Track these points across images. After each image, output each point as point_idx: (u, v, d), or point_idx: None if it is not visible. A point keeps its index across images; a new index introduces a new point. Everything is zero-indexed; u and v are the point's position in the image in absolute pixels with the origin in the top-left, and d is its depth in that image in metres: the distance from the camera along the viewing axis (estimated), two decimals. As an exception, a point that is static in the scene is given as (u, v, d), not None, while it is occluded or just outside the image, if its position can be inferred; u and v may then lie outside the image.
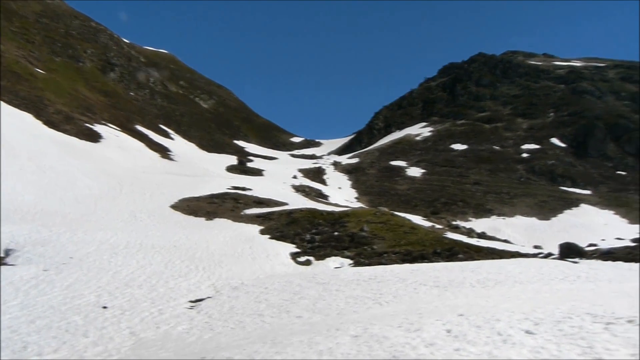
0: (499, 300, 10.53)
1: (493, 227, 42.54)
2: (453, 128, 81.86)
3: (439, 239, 27.70)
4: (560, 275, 16.08)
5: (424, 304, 11.25)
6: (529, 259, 21.70)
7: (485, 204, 49.66)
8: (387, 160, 69.45)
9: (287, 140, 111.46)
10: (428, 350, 6.13)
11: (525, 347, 5.92)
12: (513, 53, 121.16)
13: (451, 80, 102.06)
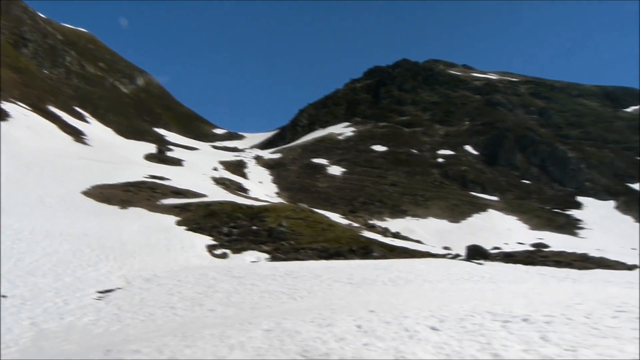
0: (409, 298, 10.95)
1: (407, 227, 44.02)
2: (375, 130, 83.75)
3: (356, 237, 28.29)
4: (466, 275, 16.93)
5: (337, 300, 11.49)
6: (439, 259, 22.66)
7: (401, 205, 51.26)
8: (309, 157, 69.98)
9: (210, 131, 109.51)
10: (338, 345, 6.28)
11: (429, 343, 6.21)
12: (435, 62, 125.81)
13: (375, 83, 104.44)
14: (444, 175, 65.19)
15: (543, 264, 21.20)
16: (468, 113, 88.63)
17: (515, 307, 8.89)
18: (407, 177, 63.31)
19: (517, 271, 18.76)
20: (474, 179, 63.88)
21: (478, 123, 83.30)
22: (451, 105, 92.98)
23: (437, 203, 52.90)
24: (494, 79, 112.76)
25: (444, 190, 58.93)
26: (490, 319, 7.71)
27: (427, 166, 68.14)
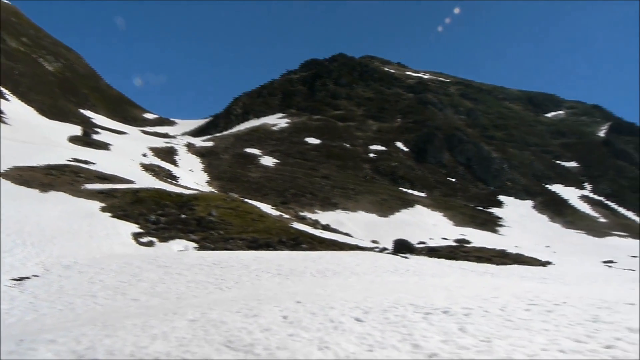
0: (335, 290, 11.10)
1: (337, 220, 44.53)
2: (309, 122, 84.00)
3: (286, 228, 28.32)
4: (391, 268, 17.36)
5: (265, 290, 11.47)
6: (366, 252, 23.10)
7: (331, 198, 51.78)
8: (242, 147, 69.26)
9: (140, 115, 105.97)
10: (263, 336, 6.28)
11: (353, 334, 6.33)
12: (371, 58, 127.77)
13: (312, 75, 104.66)
14: (375, 170, 66.38)
15: (465, 259, 22.04)
16: (400, 110, 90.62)
17: (437, 299, 9.22)
18: (339, 170, 63.99)
19: (440, 265, 19.44)
20: (404, 175, 65.47)
21: (410, 120, 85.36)
22: (385, 102, 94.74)
23: (367, 197, 53.83)
24: (426, 78, 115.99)
25: (374, 185, 60.05)
26: (413, 311, 7.95)
27: (359, 161, 69.14)
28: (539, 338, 6.23)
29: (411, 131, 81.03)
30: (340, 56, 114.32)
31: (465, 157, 74.66)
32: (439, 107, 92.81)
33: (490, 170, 72.16)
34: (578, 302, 9.42)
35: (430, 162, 72.71)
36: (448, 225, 50.05)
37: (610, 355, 5.47)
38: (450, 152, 75.60)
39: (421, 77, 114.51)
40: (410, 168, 68.86)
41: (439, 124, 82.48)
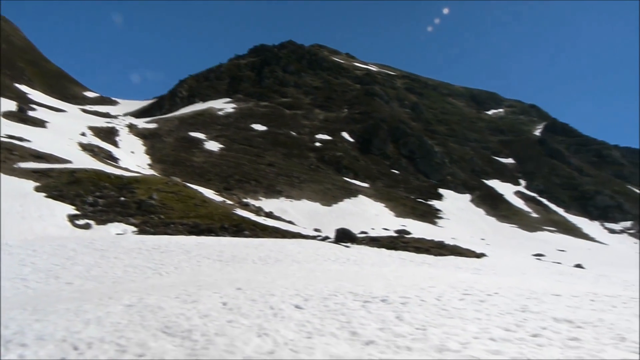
0: (276, 277, 11.12)
1: (281, 208, 44.50)
2: (256, 108, 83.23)
3: (228, 214, 28.06)
4: (333, 257, 17.55)
5: (205, 276, 11.36)
6: (308, 240, 23.23)
7: (276, 186, 51.65)
8: (187, 130, 67.87)
9: (80, 93, 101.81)
10: (202, 322, 6.22)
11: (293, 321, 6.37)
12: (320, 47, 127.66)
13: (260, 61, 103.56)
14: (320, 159, 66.62)
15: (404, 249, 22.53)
16: (347, 101, 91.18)
17: (376, 288, 9.40)
18: (284, 158, 63.85)
19: (380, 255, 19.80)
20: (348, 165, 66.05)
21: (356, 111, 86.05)
22: (332, 91, 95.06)
23: (312, 186, 54.04)
24: (373, 70, 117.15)
25: (319, 174, 60.32)
26: (352, 299, 8.08)
27: (304, 149, 69.19)
28: (472, 327, 6.47)
29: (357, 122, 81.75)
30: (289, 43, 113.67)
31: (408, 149, 76.11)
32: (385, 100, 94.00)
33: (432, 164, 73.93)
34: (509, 292, 9.84)
35: (375, 154, 73.68)
36: (389, 216, 50.98)
37: (536, 344, 5.75)
38: (394, 144, 76.85)
39: (369, 69, 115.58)
40: (354, 158, 69.53)
41: (384, 116, 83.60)
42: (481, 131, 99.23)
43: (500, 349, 5.45)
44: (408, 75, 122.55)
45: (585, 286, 13.13)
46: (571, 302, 9.23)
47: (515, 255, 30.42)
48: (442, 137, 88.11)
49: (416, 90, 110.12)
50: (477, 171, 79.82)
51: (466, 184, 72.33)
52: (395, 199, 58.58)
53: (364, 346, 5.39)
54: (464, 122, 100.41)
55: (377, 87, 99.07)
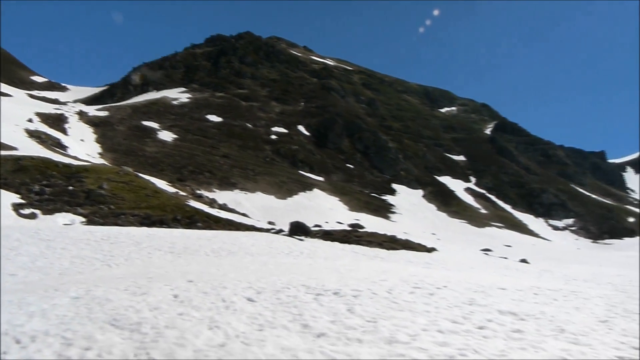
0: (229, 270, 11.05)
1: (235, 200, 44.16)
2: (211, 99, 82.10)
3: (181, 205, 27.65)
4: (286, 250, 17.57)
5: (156, 268, 11.17)
6: (262, 233, 23.17)
7: (230, 178, 51.19)
8: (140, 119, 66.29)
9: (27, 78, 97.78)
10: (151, 314, 6.13)
11: (244, 314, 6.35)
12: (278, 39, 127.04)
13: (217, 51, 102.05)
14: (275, 152, 66.41)
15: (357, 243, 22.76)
16: (304, 94, 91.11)
17: (328, 281, 9.48)
18: (239, 150, 63.31)
19: (333, 248, 19.95)
20: (304, 159, 66.13)
21: (312, 105, 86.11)
22: (289, 84, 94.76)
23: (267, 179, 53.84)
24: (331, 64, 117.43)
25: (274, 167, 60.14)
26: (305, 292, 8.12)
27: (260, 142, 68.79)
28: (421, 319, 6.62)
29: (313, 116, 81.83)
30: (247, 34, 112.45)
31: (363, 144, 76.80)
32: (341, 94, 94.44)
33: (386, 159, 74.88)
34: (457, 286, 10.11)
35: (330, 148, 74.01)
36: (343, 210, 51.38)
37: (481, 336, 5.94)
38: (350, 139, 77.39)
39: (326, 63, 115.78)
40: (310, 152, 69.65)
41: (340, 110, 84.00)
42: (435, 128, 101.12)
43: (448, 340, 5.60)
44: (364, 71, 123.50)
45: (529, 280, 13.62)
46: (516, 295, 9.57)
47: (465, 250, 31.24)
48: (397, 133, 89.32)
49: (372, 86, 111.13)
50: (430, 167, 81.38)
51: (419, 179, 73.64)
52: (350, 193, 59.07)
53: (316, 338, 5.43)
54: (418, 119, 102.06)
55: (333, 81, 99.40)
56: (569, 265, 25.98)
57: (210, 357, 4.64)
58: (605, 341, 6.15)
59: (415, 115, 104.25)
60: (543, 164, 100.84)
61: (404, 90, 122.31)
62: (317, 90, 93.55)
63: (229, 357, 4.65)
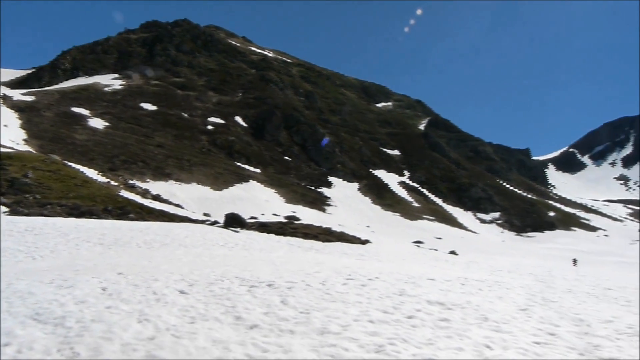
0: (162, 262, 10.83)
1: (169, 191, 43.20)
2: (146, 87, 79.70)
3: (112, 196, 26.77)
4: (221, 241, 17.41)
5: (84, 260, 10.79)
6: (197, 224, 22.83)
7: (165, 168, 49.99)
8: (69, 105, 63.39)
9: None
10: (77, 308, 5.92)
11: (176, 306, 6.26)
12: (216, 28, 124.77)
13: (152, 38, 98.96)
14: (212, 142, 65.40)
15: (293, 235, 22.85)
16: (242, 85, 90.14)
17: (263, 273, 9.49)
18: (174, 140, 61.90)
19: (269, 240, 19.94)
20: (240, 150, 65.52)
21: (250, 96, 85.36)
22: (227, 74, 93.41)
23: (202, 170, 52.96)
24: (270, 56, 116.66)
25: (210, 158, 59.23)
26: (238, 284, 8.10)
27: (196, 132, 67.52)
28: (353, 310, 6.76)
29: (251, 107, 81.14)
30: (184, 22, 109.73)
31: (301, 137, 76.96)
32: (280, 87, 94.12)
33: (323, 152, 75.39)
34: (389, 277, 10.38)
35: (267, 140, 73.69)
36: (280, 202, 51.36)
37: (410, 325, 6.14)
38: (287, 132, 77.34)
39: (265, 55, 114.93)
40: (247, 143, 69.08)
41: (278, 102, 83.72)
42: (371, 123, 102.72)
43: (378, 330, 5.75)
44: (303, 64, 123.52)
45: (457, 271, 14.16)
46: (444, 285, 9.94)
47: (397, 242, 32.01)
48: (334, 126, 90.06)
49: (311, 79, 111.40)
50: (366, 161, 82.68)
51: (355, 173, 74.67)
52: (286, 185, 59.10)
53: (248, 330, 5.43)
54: (355, 113, 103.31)
55: (272, 73, 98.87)
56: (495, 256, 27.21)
57: (138, 351, 4.55)
58: (524, 328, 6.51)
59: (353, 109, 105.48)
60: (472, 159, 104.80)
61: (342, 84, 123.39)
62: (256, 81, 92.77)
63: (158, 350, 4.57)
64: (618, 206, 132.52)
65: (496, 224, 77.07)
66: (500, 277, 13.38)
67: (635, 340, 6.35)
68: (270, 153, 70.01)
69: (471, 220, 75.51)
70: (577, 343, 5.92)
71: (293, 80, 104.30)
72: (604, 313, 8.32)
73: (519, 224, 78.08)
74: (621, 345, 5.99)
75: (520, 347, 5.49)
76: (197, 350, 4.63)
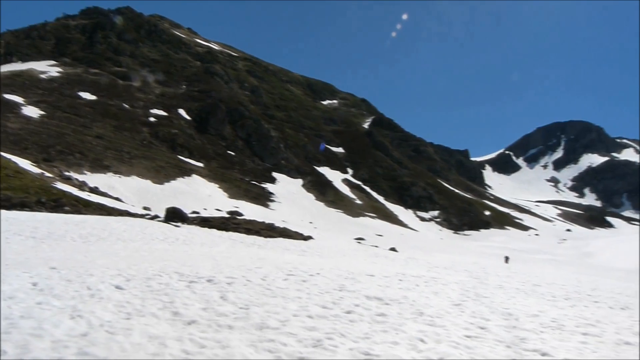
0: (98, 256, 10.54)
1: (108, 183, 41.87)
2: (85, 75, 76.74)
3: (47, 188, 25.72)
4: (161, 236, 17.09)
5: (14, 255, 10.33)
6: (136, 218, 22.29)
7: (103, 160, 48.38)
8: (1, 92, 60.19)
9: None
10: (5, 304, 5.68)
11: (111, 302, 6.11)
12: (161, 18, 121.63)
13: (92, 24, 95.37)
14: (154, 135, 63.80)
15: (235, 231, 22.70)
16: (187, 77, 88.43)
17: (203, 268, 9.42)
18: (114, 131, 59.96)
19: (211, 235, 19.72)
20: (183, 144, 64.29)
21: (195, 89, 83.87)
22: (171, 66, 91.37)
23: (143, 162, 51.63)
24: (216, 49, 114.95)
25: (151, 151, 57.80)
26: (177, 279, 8.00)
27: (137, 123, 65.66)
28: (292, 305, 6.82)
29: (195, 100, 79.73)
30: (127, 9, 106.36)
31: (245, 132, 76.34)
32: (225, 80, 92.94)
33: (268, 148, 75.12)
34: (329, 273, 10.52)
35: (211, 133, 72.65)
36: (223, 197, 50.81)
37: (348, 320, 6.26)
38: (232, 126, 76.52)
39: (211, 47, 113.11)
40: (190, 137, 67.87)
41: (223, 96, 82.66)
42: (316, 120, 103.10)
43: (316, 325, 5.83)
44: (250, 58, 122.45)
45: (396, 267, 14.48)
46: (382, 281, 10.17)
47: (339, 238, 32.35)
48: (279, 122, 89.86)
49: (257, 74, 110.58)
50: (310, 158, 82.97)
51: (299, 169, 74.81)
52: (230, 180, 58.52)
53: (186, 326, 5.39)
54: (300, 110, 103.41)
55: (218, 66, 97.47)
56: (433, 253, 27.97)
57: (70, 348, 4.42)
58: (457, 322, 6.77)
59: (298, 105, 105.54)
60: (414, 159, 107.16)
61: (287, 80, 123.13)
62: (200, 74, 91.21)
63: (91, 347, 4.46)
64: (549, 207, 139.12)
65: (435, 222, 79.20)
66: (437, 274, 13.80)
67: (557, 333, 6.73)
68: (213, 147, 69.06)
69: (411, 218, 77.27)
70: (505, 336, 6.22)
71: (239, 74, 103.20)
72: (532, 308, 8.75)
73: (456, 222, 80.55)
74: (545, 337, 6.34)
75: (452, 341, 5.71)
76: (132, 347, 4.55)
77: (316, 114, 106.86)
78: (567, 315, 8.38)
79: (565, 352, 5.66)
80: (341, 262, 14.32)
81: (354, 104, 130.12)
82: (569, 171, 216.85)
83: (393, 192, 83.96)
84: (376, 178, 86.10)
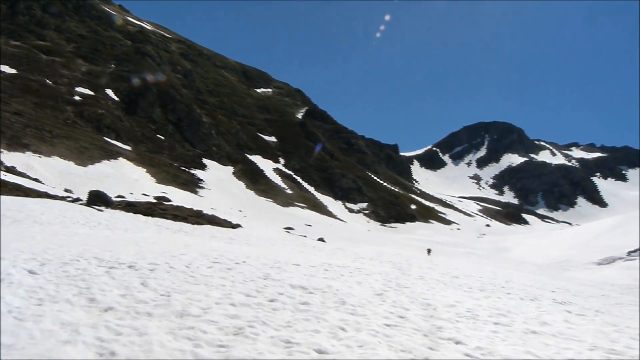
0: (11, 239, 10.01)
1: (26, 163, 39.63)
2: (4, 47, 71.99)
3: (-45, 165, 24.02)
4: (82, 220, 16.43)
5: None
6: (56, 201, 21.27)
7: (22, 138, 45.70)
8: None
9: None
10: None
11: (22, 287, 5.83)
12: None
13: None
14: (78, 114, 60.89)
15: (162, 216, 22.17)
16: (116, 56, 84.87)
17: (125, 254, 9.15)
18: (35, 108, 56.71)
19: (136, 220, 19.17)
20: (110, 125, 61.81)
21: (124, 69, 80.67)
22: (99, 43, 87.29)
23: (66, 143, 49.24)
24: (148, 29, 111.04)
25: (75, 131, 55.18)
26: (96, 265, 7.73)
27: (60, 101, 62.40)
28: (215, 292, 6.77)
29: (124, 80, 76.76)
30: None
31: (176, 116, 74.47)
32: (157, 62, 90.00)
33: (199, 134, 73.66)
34: (255, 261, 10.51)
35: (140, 116, 70.28)
36: (150, 182, 49.41)
37: (271, 308, 6.29)
38: (162, 109, 74.40)
39: (143, 27, 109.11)
40: (118, 118, 65.33)
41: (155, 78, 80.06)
42: (249, 107, 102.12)
43: (239, 313, 5.82)
44: (184, 41, 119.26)
45: (323, 257, 14.68)
46: (308, 271, 10.28)
47: (268, 227, 32.34)
48: (212, 108, 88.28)
49: (190, 58, 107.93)
50: (242, 145, 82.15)
51: (230, 156, 73.92)
52: (158, 164, 56.97)
53: (102, 313, 5.23)
54: (234, 96, 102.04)
55: (150, 47, 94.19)
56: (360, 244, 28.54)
57: (-26, 334, 4.19)
58: (377, 311, 6.97)
59: (232, 92, 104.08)
60: (345, 151, 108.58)
61: (222, 65, 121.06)
62: (131, 53, 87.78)
63: (-2, 333, 4.25)
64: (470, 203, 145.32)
65: (363, 214, 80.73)
66: (362, 264, 14.10)
67: (472, 322, 7.07)
68: (142, 130, 66.87)
69: (340, 209, 78.34)
70: (422, 325, 6.47)
71: (171, 56, 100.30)
72: (449, 298, 9.14)
73: (384, 214, 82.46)
74: (460, 326, 6.64)
75: (372, 329, 5.87)
76: (41, 334, 4.36)
77: (250, 101, 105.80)
78: (481, 305, 8.81)
79: (477, 340, 5.96)
80: (268, 251, 14.33)
81: (288, 93, 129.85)
82: (491, 169, 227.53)
83: (323, 183, 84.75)
84: (307, 169, 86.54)
